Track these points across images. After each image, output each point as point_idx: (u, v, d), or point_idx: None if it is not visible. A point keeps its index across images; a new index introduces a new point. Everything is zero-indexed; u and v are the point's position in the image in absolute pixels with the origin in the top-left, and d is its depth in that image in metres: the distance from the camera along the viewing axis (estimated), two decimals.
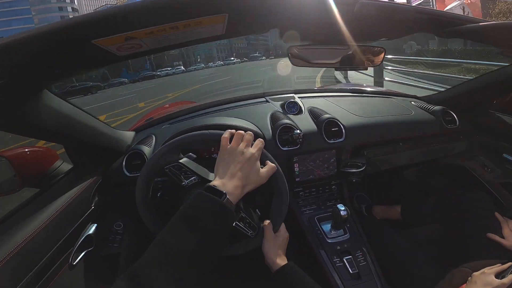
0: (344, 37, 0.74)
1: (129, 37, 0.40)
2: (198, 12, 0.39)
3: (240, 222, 0.72)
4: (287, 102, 1.31)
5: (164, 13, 0.38)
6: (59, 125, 0.76)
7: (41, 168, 0.93)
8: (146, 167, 0.74)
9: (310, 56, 0.83)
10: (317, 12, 0.52)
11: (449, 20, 0.61)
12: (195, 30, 0.43)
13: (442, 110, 1.30)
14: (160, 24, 0.39)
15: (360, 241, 1.03)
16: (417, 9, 0.57)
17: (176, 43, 0.47)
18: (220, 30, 0.46)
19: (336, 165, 1.16)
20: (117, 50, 0.44)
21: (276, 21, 0.51)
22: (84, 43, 0.40)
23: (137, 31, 0.40)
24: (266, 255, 0.76)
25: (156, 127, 1.24)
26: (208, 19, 0.40)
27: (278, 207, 0.77)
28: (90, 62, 0.53)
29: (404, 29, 0.67)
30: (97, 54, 0.45)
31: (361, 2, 0.52)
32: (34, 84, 0.61)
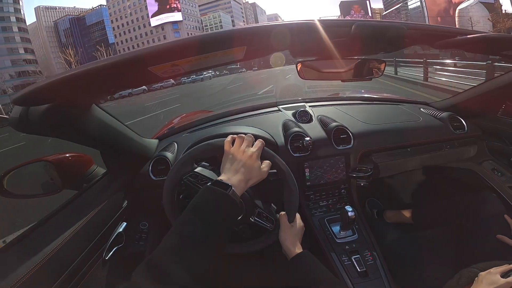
0: (347, 53, 0.82)
1: (174, 64, 0.52)
2: (224, 46, 0.50)
3: (258, 217, 0.82)
4: (298, 111, 1.40)
5: (201, 47, 0.49)
6: (102, 134, 0.90)
7: (79, 172, 1.05)
8: (168, 180, 0.83)
9: (317, 70, 0.91)
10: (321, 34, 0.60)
11: (440, 33, 0.67)
12: (221, 57, 0.54)
13: (450, 116, 1.34)
14: (197, 55, 0.51)
15: (368, 241, 1.07)
16: (409, 25, 0.63)
17: (205, 66, 0.60)
18: (240, 56, 0.57)
19: (345, 170, 1.22)
20: (162, 74, 0.56)
21: (286, 45, 0.60)
22: (142, 69, 0.52)
23: (181, 60, 0.52)
24: (282, 244, 0.82)
25: (177, 135, 1.36)
26: (231, 50, 0.52)
27: (289, 197, 0.85)
28: (140, 82, 0.65)
29: (399, 44, 0.74)
30: (147, 76, 0.57)
31: (357, 24, 0.59)
32: (90, 101, 0.76)
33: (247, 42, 0.52)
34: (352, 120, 1.33)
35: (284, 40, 0.58)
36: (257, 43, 0.53)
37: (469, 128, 1.32)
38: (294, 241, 0.82)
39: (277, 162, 0.83)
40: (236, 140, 0.73)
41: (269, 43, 0.52)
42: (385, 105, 1.57)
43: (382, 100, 1.66)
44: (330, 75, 0.93)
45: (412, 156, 1.29)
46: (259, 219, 0.82)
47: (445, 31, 0.66)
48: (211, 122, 1.43)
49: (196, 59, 0.53)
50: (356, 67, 0.91)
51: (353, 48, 0.73)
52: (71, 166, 1.06)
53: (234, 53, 0.54)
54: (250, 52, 0.56)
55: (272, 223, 0.83)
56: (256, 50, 0.58)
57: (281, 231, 0.83)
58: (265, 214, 0.83)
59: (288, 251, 0.81)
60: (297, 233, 0.85)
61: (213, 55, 0.53)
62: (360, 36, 0.61)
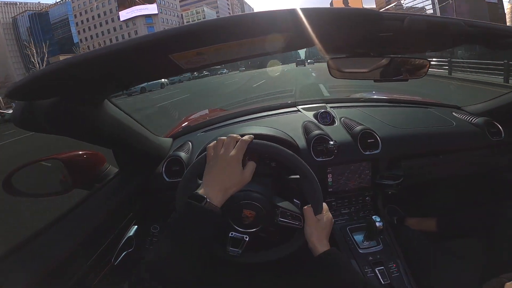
0: (387, 50, 0.74)
1: (200, 53, 0.44)
2: (265, 31, 0.42)
3: (283, 218, 0.74)
4: (320, 112, 1.31)
5: (236, 31, 0.41)
6: (114, 132, 0.83)
7: (91, 171, 1.00)
8: (182, 183, 0.76)
9: (350, 68, 0.83)
10: (366, 27, 0.52)
11: (501, 32, 0.59)
12: (257, 47, 0.46)
13: (487, 121, 1.24)
14: (230, 41, 0.42)
15: (394, 252, 1.00)
16: (469, 23, 0.56)
17: (234, 58, 0.51)
18: (278, 47, 0.49)
19: (371, 176, 1.14)
20: (185, 64, 0.48)
21: (332, 37, 0.52)
22: (161, 56, 0.44)
23: (209, 47, 0.43)
24: (308, 239, 0.74)
25: (192, 134, 1.29)
26: (272, 37, 0.43)
27: (309, 188, 0.75)
28: (157, 74, 0.57)
29: (453, 42, 0.66)
30: (167, 66, 0.49)
31: (411, 18, 0.51)
32: (101, 95, 0.68)
33: (293, 28, 0.43)
34: (379, 123, 1.24)
35: (331, 30, 0.50)
36: (304, 30, 0.44)
37: (507, 134, 1.22)
38: (321, 236, 0.73)
39: (276, 151, 0.74)
40: (215, 144, 0.68)
41: (318, 31, 0.44)
42: (413, 108, 1.47)
43: (410, 102, 1.56)
44: (364, 74, 0.85)
45: (444, 164, 1.20)
46: (284, 219, 0.75)
47: (508, 31, 0.58)
48: (228, 121, 1.36)
49: (227, 47, 0.44)
50: (393, 67, 0.83)
51: (400, 45, 0.65)
52: (83, 164, 1.00)
53: (274, 40, 0.46)
54: (292, 41, 0.47)
55: (300, 220, 0.75)
56: (300, 40, 0.49)
57: (306, 225, 0.74)
58: (289, 212, 0.76)
59: (314, 248, 0.72)
60: (325, 227, 0.75)
61: (249, 42, 0.44)
62: (413, 31, 0.53)
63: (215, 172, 0.64)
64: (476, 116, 1.30)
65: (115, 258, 0.90)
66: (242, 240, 0.76)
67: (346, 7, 0.98)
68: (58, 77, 0.43)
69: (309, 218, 0.74)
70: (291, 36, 0.46)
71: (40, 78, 0.42)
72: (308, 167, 0.75)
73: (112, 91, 0.69)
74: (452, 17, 0.55)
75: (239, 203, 0.76)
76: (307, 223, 0.74)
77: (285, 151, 0.74)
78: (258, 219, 0.76)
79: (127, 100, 15.92)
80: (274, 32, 0.43)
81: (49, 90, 0.49)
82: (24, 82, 0.41)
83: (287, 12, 0.40)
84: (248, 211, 0.75)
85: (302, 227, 0.75)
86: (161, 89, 22.18)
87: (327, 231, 0.76)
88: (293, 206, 0.79)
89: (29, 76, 0.41)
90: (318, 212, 0.75)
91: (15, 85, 0.42)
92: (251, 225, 0.76)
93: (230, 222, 0.76)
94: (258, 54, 0.53)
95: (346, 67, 0.84)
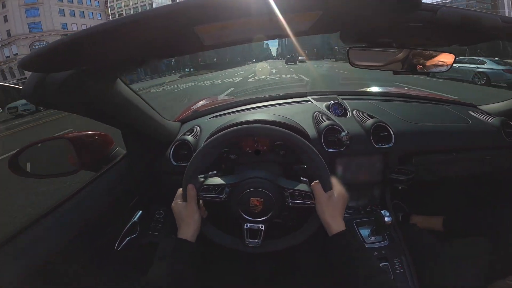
0: (411, 41, 0.71)
1: (224, 27, 0.41)
2: (297, 8, 0.39)
3: (293, 199, 0.73)
4: (332, 103, 1.28)
5: (266, 5, 0.38)
6: (124, 111, 0.81)
7: (99, 152, 0.99)
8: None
9: (371, 58, 0.80)
10: (400, 14, 0.49)
11: None
12: (282, 25, 0.43)
13: (503, 121, 1.20)
14: (258, 16, 0.40)
15: (400, 249, 1.00)
16: (504, 18, 0.53)
17: (257, 37, 0.49)
18: (304, 27, 0.46)
19: (381, 170, 1.12)
20: (207, 38, 0.45)
21: (354, 22, 0.49)
22: (185, 28, 0.42)
23: (235, 21, 0.41)
24: (320, 218, 0.70)
25: (201, 119, 1.28)
26: (302, 16, 0.40)
27: (311, 162, 0.74)
28: (176, 49, 0.55)
29: (484, 37, 0.62)
30: (189, 40, 0.47)
31: (444, 9, 0.48)
32: (115, 71, 0.66)
33: (324, 6, 0.40)
34: (392, 117, 1.21)
35: (363, 13, 0.47)
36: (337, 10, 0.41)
37: None
38: (335, 214, 0.69)
39: (267, 132, 0.75)
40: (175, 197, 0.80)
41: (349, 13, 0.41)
42: (429, 104, 1.43)
43: (425, 98, 1.52)
44: (384, 66, 0.82)
45: (457, 162, 1.17)
46: (294, 200, 0.73)
47: None
48: (237, 108, 1.34)
49: (253, 22, 0.41)
50: (414, 59, 0.79)
51: (427, 36, 0.62)
52: (91, 145, 0.99)
53: (303, 20, 0.43)
54: (320, 23, 0.44)
55: (311, 198, 0.72)
56: (328, 22, 0.46)
57: (317, 203, 0.70)
58: (298, 191, 0.73)
59: (328, 227, 0.68)
60: (338, 203, 0.70)
61: (277, 19, 0.40)
62: (445, 23, 0.50)
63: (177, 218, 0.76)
64: (493, 115, 1.26)
65: (118, 244, 0.90)
66: (258, 230, 0.74)
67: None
68: (76, 48, 0.41)
69: (319, 195, 0.70)
70: (321, 16, 0.43)
71: (58, 49, 0.39)
72: (308, 143, 0.74)
73: (127, 67, 0.67)
74: (487, 12, 0.52)
75: (245, 192, 0.74)
76: (318, 201, 0.70)
77: (282, 130, 0.74)
78: (268, 205, 0.74)
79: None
80: (305, 10, 0.39)
81: (65, 62, 0.47)
82: (41, 52, 0.39)
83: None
84: (255, 199, 0.73)
85: (315, 205, 0.72)
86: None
87: (341, 208, 0.71)
88: (302, 184, 0.76)
89: (46, 46, 0.39)
90: (327, 188, 0.71)
91: (31, 55, 0.40)
92: (262, 213, 0.74)
93: (242, 214, 0.74)
94: (283, 35, 0.50)
95: (365, 57, 0.80)
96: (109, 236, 0.87)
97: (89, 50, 0.43)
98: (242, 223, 0.75)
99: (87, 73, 0.55)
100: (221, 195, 0.74)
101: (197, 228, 0.73)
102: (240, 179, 0.76)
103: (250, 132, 0.78)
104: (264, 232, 0.74)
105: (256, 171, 0.78)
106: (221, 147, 0.82)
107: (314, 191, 0.71)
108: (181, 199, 0.76)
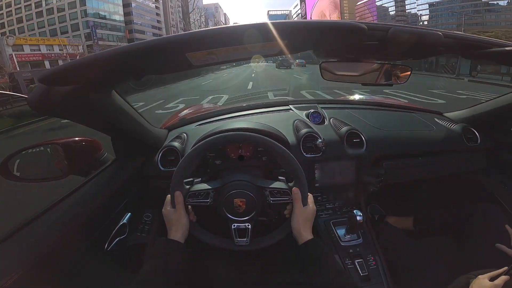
0: (374, 56, 0.81)
1: (211, 53, 0.50)
2: (266, 38, 0.49)
3: (273, 197, 0.81)
4: (311, 112, 1.38)
5: (243, 37, 0.48)
6: (118, 120, 0.88)
7: (88, 157, 1.03)
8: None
9: (340, 71, 0.89)
10: (353, 36, 0.58)
11: (476, 43, 0.65)
12: (257, 50, 0.52)
13: (464, 127, 1.33)
14: (238, 45, 0.49)
15: (372, 246, 1.07)
16: (446, 33, 0.62)
17: (238, 58, 0.58)
18: (275, 50, 0.55)
19: (355, 174, 1.21)
20: (195, 61, 0.54)
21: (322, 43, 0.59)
22: (179, 54, 0.51)
23: (220, 49, 0.50)
24: (293, 228, 0.79)
25: (188, 127, 1.34)
26: (272, 44, 0.50)
27: (287, 166, 0.82)
28: (171, 67, 0.64)
29: (432, 51, 0.72)
30: (180, 62, 0.56)
31: (395, 29, 0.58)
32: (113, 84, 0.74)
33: (286, 36, 0.50)
34: (365, 124, 1.32)
35: (321, 39, 0.56)
36: (296, 39, 0.51)
37: (482, 140, 1.31)
38: (306, 226, 0.79)
39: (244, 138, 0.84)
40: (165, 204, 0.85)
41: (308, 40, 0.50)
42: (398, 112, 1.55)
43: (396, 106, 1.64)
44: (353, 78, 0.92)
45: (422, 165, 1.28)
46: (274, 198, 0.81)
47: (483, 42, 0.65)
48: (222, 116, 1.41)
49: (235, 49, 0.51)
50: (379, 72, 0.90)
51: (384, 52, 0.72)
52: (79, 150, 1.03)
53: (272, 46, 0.52)
54: (288, 46, 0.54)
55: (289, 194, 0.81)
56: (293, 46, 0.56)
57: (293, 214, 0.80)
58: (277, 189, 0.82)
59: (299, 236, 0.77)
60: (309, 217, 0.81)
61: (252, 46, 0.50)
62: (396, 41, 0.60)
63: (166, 222, 0.82)
64: (456, 122, 1.39)
65: (108, 244, 0.94)
66: (246, 229, 0.81)
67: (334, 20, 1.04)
68: (86, 68, 0.49)
69: (298, 207, 0.79)
70: (287, 43, 0.52)
71: (73, 68, 0.48)
72: (285, 149, 0.82)
73: (124, 80, 0.74)
74: (432, 29, 0.61)
75: (229, 194, 0.81)
76: (295, 211, 0.79)
77: (267, 139, 0.82)
78: (250, 205, 0.80)
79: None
80: (273, 40, 0.49)
81: (74, 79, 0.55)
82: (59, 70, 0.48)
83: (283, 24, 0.47)
84: (238, 199, 0.80)
85: (292, 201, 0.80)
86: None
87: (311, 222, 0.81)
88: (278, 182, 0.84)
89: (64, 65, 0.47)
90: (305, 203, 0.81)
91: (52, 71, 0.48)
92: (246, 212, 0.81)
93: (228, 215, 0.81)
94: (261, 54, 0.60)
95: (336, 70, 0.90)
96: (99, 237, 0.90)
97: (95, 71, 0.52)
98: (230, 224, 0.81)
99: (88, 87, 0.62)
100: (207, 199, 0.81)
101: (185, 231, 0.79)
102: (223, 183, 0.83)
103: (234, 139, 0.86)
104: (251, 230, 0.81)
105: (237, 174, 0.85)
106: (205, 154, 0.88)
107: (294, 201, 0.80)
108: (170, 205, 0.82)
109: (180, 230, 0.78)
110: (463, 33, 0.67)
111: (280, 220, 0.86)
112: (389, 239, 1.17)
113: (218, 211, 0.82)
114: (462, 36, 0.65)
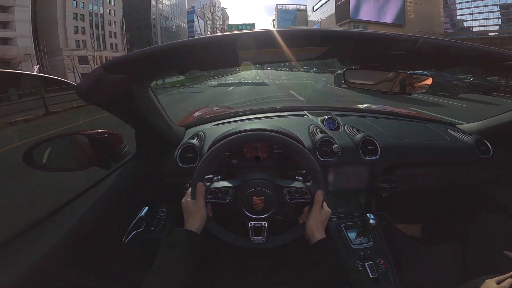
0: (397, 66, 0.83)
1: (260, 52, 0.53)
2: (308, 43, 0.51)
3: (291, 196, 0.82)
4: (326, 118, 1.40)
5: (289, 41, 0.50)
6: (147, 114, 0.91)
7: (110, 150, 1.05)
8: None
9: (362, 79, 0.91)
10: (383, 45, 0.61)
11: (499, 56, 0.67)
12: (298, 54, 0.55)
13: (477, 139, 1.34)
14: (281, 48, 0.51)
15: (383, 249, 1.09)
16: (470, 46, 0.64)
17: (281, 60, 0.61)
18: (313, 56, 0.58)
19: (368, 179, 1.23)
20: (242, 58, 0.57)
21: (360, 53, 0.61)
22: (233, 51, 0.54)
23: (269, 50, 0.53)
24: (308, 227, 0.81)
25: (205, 126, 1.37)
26: (311, 48, 0.52)
27: (306, 165, 0.84)
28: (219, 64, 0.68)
29: (455, 62, 0.74)
30: (229, 59, 0.60)
31: (424, 40, 0.60)
32: (154, 78, 0.79)
33: (330, 43, 0.53)
34: (379, 132, 1.34)
35: (352, 46, 0.59)
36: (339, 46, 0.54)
37: (494, 152, 1.32)
38: (320, 227, 0.82)
39: (259, 136, 0.86)
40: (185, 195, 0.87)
41: (347, 48, 0.53)
42: (412, 122, 1.57)
43: (409, 116, 1.66)
44: (373, 86, 0.94)
45: (434, 174, 1.30)
46: (292, 197, 0.82)
47: (505, 55, 0.66)
48: (238, 118, 1.44)
49: (278, 51, 0.53)
50: (399, 81, 0.92)
51: (409, 62, 0.74)
52: (102, 142, 1.05)
53: (313, 51, 0.55)
54: (329, 53, 0.56)
55: (307, 194, 0.82)
56: (334, 53, 0.59)
57: (311, 214, 0.82)
58: (295, 188, 0.83)
59: (311, 236, 0.80)
60: (324, 219, 0.84)
61: (296, 50, 0.53)
62: (423, 52, 0.62)
63: (185, 212, 0.84)
64: (469, 134, 1.40)
65: (125, 237, 0.96)
66: (262, 228, 0.82)
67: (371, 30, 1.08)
68: (146, 60, 0.53)
69: (317, 208, 0.82)
70: (326, 49, 0.56)
71: (136, 58, 0.52)
72: (307, 151, 0.84)
73: (168, 75, 0.79)
74: (457, 41, 0.63)
75: (248, 192, 0.82)
76: (312, 213, 0.82)
77: (293, 142, 0.83)
78: (268, 203, 0.82)
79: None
80: (313, 45, 0.52)
81: (131, 68, 0.59)
82: (123, 58, 0.52)
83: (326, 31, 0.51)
84: (257, 197, 0.82)
85: (310, 200, 0.82)
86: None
87: (325, 224, 0.84)
88: (297, 182, 0.86)
89: (128, 54, 0.51)
90: (321, 187, 0.83)
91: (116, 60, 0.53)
92: (264, 210, 0.82)
93: (246, 213, 0.82)
94: (299, 59, 0.63)
95: (359, 78, 0.92)
96: (117, 229, 0.93)
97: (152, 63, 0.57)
98: (247, 222, 0.82)
99: (135, 78, 0.65)
100: (226, 197, 0.83)
101: (202, 223, 0.80)
102: (243, 181, 0.85)
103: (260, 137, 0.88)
104: (267, 229, 0.82)
105: (256, 173, 0.87)
106: (226, 152, 0.90)
107: (315, 201, 0.82)
108: (190, 197, 0.83)
109: (198, 221, 0.80)
110: (488, 46, 0.69)
111: (296, 220, 0.88)
112: (398, 243, 1.19)
113: (237, 208, 0.83)
114: (486, 49, 0.66)
